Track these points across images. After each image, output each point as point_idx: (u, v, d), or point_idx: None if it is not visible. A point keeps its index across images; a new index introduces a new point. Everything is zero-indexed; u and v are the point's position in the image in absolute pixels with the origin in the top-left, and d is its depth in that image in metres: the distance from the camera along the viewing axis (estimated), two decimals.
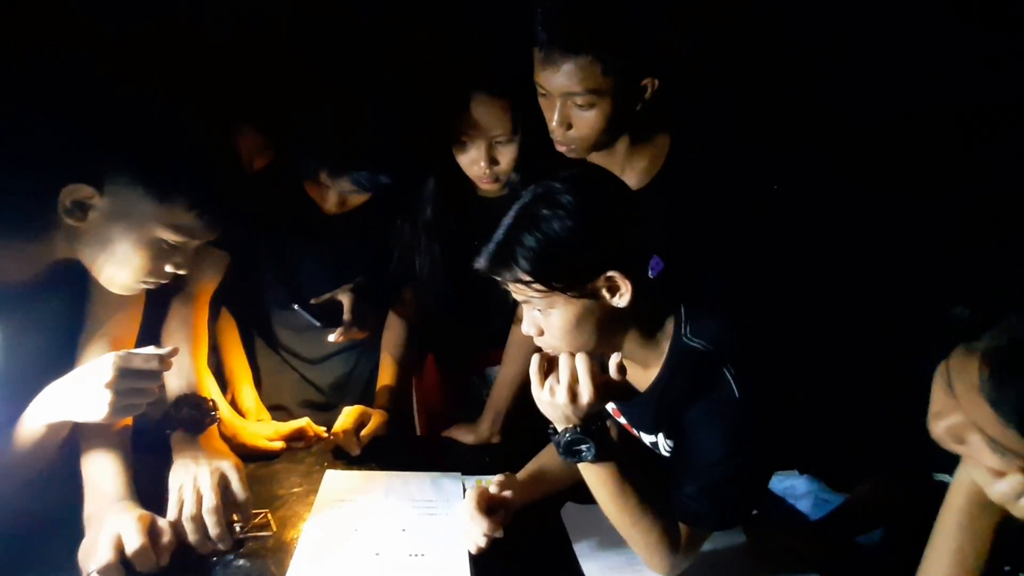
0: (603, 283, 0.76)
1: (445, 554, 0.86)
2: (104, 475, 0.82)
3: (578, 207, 0.74)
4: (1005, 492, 0.57)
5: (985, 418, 0.55)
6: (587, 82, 0.91)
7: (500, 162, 1.11)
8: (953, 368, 0.58)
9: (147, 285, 0.82)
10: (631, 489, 0.80)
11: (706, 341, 0.80)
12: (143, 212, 0.76)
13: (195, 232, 0.79)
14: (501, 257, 0.76)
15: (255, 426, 1.12)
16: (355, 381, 1.35)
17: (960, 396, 0.57)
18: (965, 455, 0.62)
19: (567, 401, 0.74)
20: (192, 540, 0.80)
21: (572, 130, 0.97)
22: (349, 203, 1.09)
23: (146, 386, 0.78)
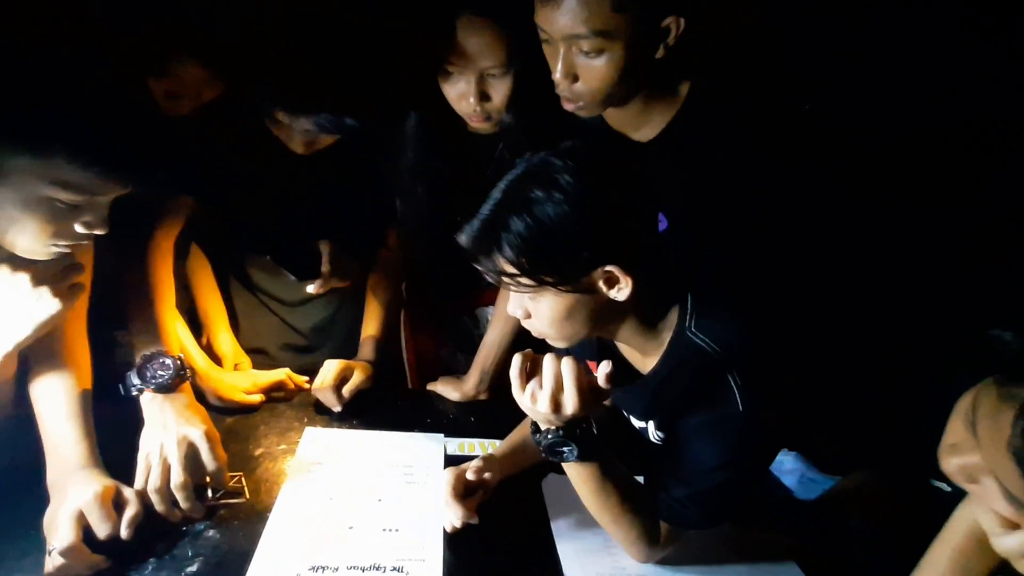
0: (600, 276, 0.68)
1: (420, 530, 0.85)
2: (65, 441, 0.78)
3: (578, 191, 0.63)
4: (1012, 547, 0.53)
5: (1007, 470, 0.49)
6: (594, 21, 0.75)
7: (492, 98, 0.97)
8: (981, 408, 0.52)
9: (61, 248, 0.72)
10: (612, 487, 0.77)
11: (712, 340, 0.72)
12: (20, 169, 0.64)
13: (92, 188, 0.68)
14: (485, 239, 0.67)
15: (232, 377, 1.09)
16: (339, 324, 1.30)
17: (983, 441, 0.51)
18: (974, 493, 0.57)
19: (549, 410, 0.68)
20: (159, 511, 0.78)
21: (579, 83, 0.82)
22: (318, 143, 0.97)
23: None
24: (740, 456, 0.73)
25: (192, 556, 0.76)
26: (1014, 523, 0.52)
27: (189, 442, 0.82)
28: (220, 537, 0.79)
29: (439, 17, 0.92)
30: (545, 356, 0.69)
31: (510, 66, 0.94)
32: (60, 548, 0.67)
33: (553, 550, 0.85)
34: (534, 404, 0.69)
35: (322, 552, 0.79)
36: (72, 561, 0.69)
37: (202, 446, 0.82)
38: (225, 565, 0.75)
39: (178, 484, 0.79)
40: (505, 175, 0.68)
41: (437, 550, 0.82)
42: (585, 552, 0.85)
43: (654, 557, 0.83)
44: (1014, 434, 0.48)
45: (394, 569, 0.78)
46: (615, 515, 0.78)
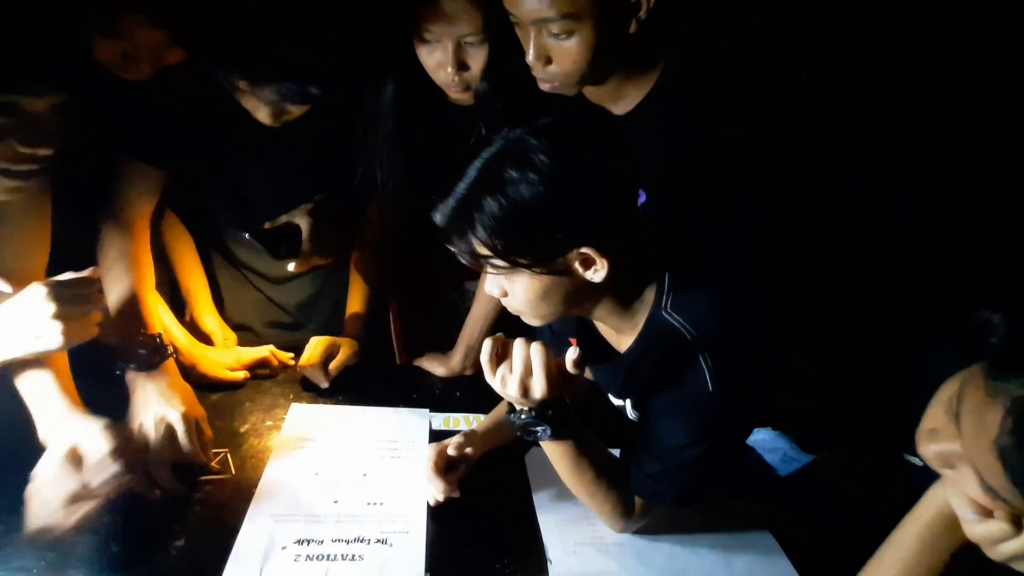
0: (576, 258, 0.68)
1: (404, 503, 0.87)
2: (49, 393, 0.78)
3: (554, 172, 0.62)
4: (983, 534, 0.54)
5: (989, 465, 0.49)
6: (561, 4, 0.74)
7: (470, 67, 0.96)
8: (967, 399, 0.52)
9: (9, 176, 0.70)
10: (588, 463, 0.78)
11: (686, 321, 0.73)
12: None
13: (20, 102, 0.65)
14: (458, 219, 0.66)
15: (215, 354, 1.09)
16: (324, 300, 1.30)
17: (966, 432, 0.51)
18: (948, 477, 0.59)
19: (518, 394, 0.69)
20: (138, 489, 0.79)
21: (552, 65, 0.81)
22: (287, 114, 0.93)
23: (88, 309, 0.75)
24: (711, 435, 0.75)
25: (179, 532, 0.77)
26: (987, 510, 0.54)
27: (167, 423, 0.82)
28: (206, 512, 0.81)
29: None
30: (515, 341, 0.70)
31: (487, 34, 0.92)
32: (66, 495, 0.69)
33: (534, 521, 0.88)
34: (504, 388, 0.70)
35: (308, 526, 0.81)
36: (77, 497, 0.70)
37: (179, 427, 0.83)
38: (212, 540, 0.77)
39: (154, 462, 0.80)
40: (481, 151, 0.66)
41: (421, 523, 0.84)
42: (565, 522, 0.88)
43: (629, 528, 0.85)
44: (1002, 432, 0.47)
45: (378, 541, 0.80)
46: (591, 489, 0.80)
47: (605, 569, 0.82)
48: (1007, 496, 0.50)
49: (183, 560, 0.74)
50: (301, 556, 0.76)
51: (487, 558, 0.81)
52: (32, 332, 0.73)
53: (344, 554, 0.77)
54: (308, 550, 0.77)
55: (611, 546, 0.85)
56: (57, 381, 0.80)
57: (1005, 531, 0.52)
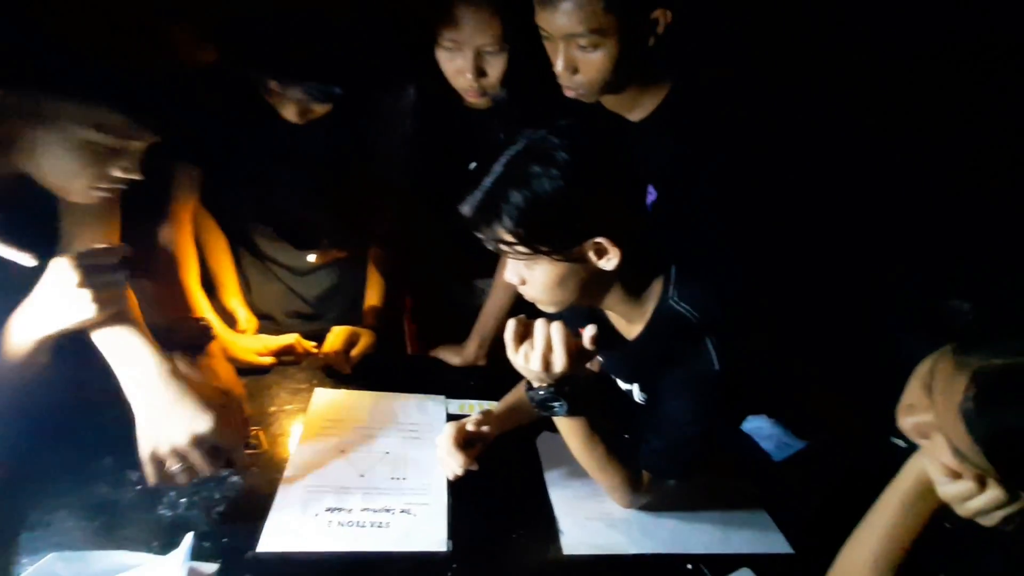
0: (591, 247, 0.74)
1: (425, 478, 0.93)
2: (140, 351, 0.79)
3: (572, 167, 0.69)
4: (953, 493, 0.61)
5: (956, 431, 0.56)
6: (589, 21, 0.82)
7: (488, 74, 1.03)
8: (938, 373, 0.59)
9: (102, 192, 0.77)
10: (599, 439, 0.84)
11: (691, 307, 0.80)
12: (66, 113, 0.70)
13: (126, 133, 0.74)
14: (486, 210, 0.73)
15: (245, 340, 1.15)
16: (342, 293, 1.36)
17: (937, 402, 0.58)
18: (925, 448, 0.65)
19: (540, 369, 0.75)
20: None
21: (578, 74, 0.89)
22: (312, 112, 1.01)
23: (113, 278, 0.78)
24: (712, 410, 0.81)
25: (219, 498, 0.83)
26: (957, 473, 0.60)
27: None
28: (242, 483, 0.87)
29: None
30: (537, 321, 0.76)
31: (505, 44, 1.00)
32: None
33: (546, 496, 0.94)
34: (527, 363, 0.76)
35: (337, 496, 0.87)
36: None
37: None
38: (249, 506, 0.83)
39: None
40: (506, 150, 0.73)
41: (442, 496, 0.90)
42: (575, 499, 0.94)
43: (636, 503, 0.91)
44: (965, 398, 0.54)
45: (403, 512, 0.86)
46: (601, 464, 0.86)
47: (613, 541, 0.88)
48: (973, 457, 0.56)
49: (223, 524, 0.80)
50: (332, 522, 0.82)
51: (504, 528, 0.87)
52: (65, 304, 0.75)
53: (372, 522, 0.83)
54: (339, 517, 0.83)
55: (619, 521, 0.91)
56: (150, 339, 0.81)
57: (972, 489, 0.59)
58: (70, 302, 0.75)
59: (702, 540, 0.90)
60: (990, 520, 0.60)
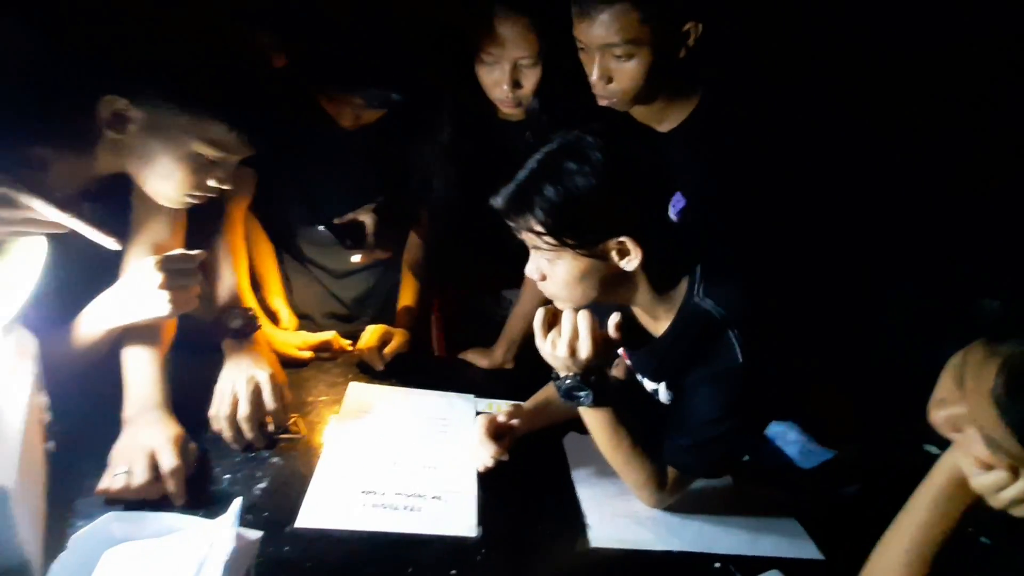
0: (614, 246, 0.77)
1: (455, 468, 0.95)
2: (143, 382, 0.88)
3: (605, 167, 0.73)
4: (987, 484, 0.61)
5: (989, 419, 0.56)
6: (625, 32, 0.88)
7: (523, 86, 1.10)
8: (969, 363, 0.59)
9: (193, 200, 0.85)
10: (625, 433, 0.86)
11: (716, 303, 0.82)
12: (178, 126, 0.78)
13: (232, 147, 0.82)
14: (519, 201, 0.76)
15: (285, 335, 1.20)
16: (376, 296, 1.42)
17: (969, 392, 0.58)
18: (957, 441, 0.65)
19: (567, 355, 0.78)
20: (226, 437, 0.89)
21: (613, 83, 0.95)
22: (363, 118, 1.08)
23: (190, 282, 0.85)
24: (739, 409, 0.82)
25: (260, 476, 0.87)
26: (990, 465, 0.60)
27: (256, 382, 0.92)
28: (283, 464, 0.90)
29: (480, 11, 1.05)
30: (564, 310, 0.79)
31: (540, 57, 1.06)
32: (136, 483, 0.76)
33: (573, 493, 0.95)
34: (554, 350, 0.79)
35: (370, 480, 0.89)
36: (143, 493, 0.77)
37: (265, 387, 0.93)
38: (289, 485, 0.86)
39: (244, 416, 0.89)
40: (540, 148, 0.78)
41: (472, 486, 0.92)
42: (602, 496, 0.95)
43: (662, 502, 0.92)
44: (996, 384, 0.55)
45: (434, 497, 0.88)
46: (627, 458, 0.87)
47: (640, 537, 0.88)
48: (1006, 445, 0.57)
49: (265, 499, 0.83)
50: (366, 504, 0.85)
51: (532, 519, 0.88)
52: (143, 300, 0.84)
53: (404, 505, 0.86)
54: (372, 499, 0.86)
55: (646, 519, 0.92)
56: (157, 371, 0.89)
57: (1005, 479, 0.59)
58: (151, 299, 0.83)
59: (730, 542, 0.90)
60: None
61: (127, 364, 0.90)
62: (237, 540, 0.65)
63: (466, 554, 0.80)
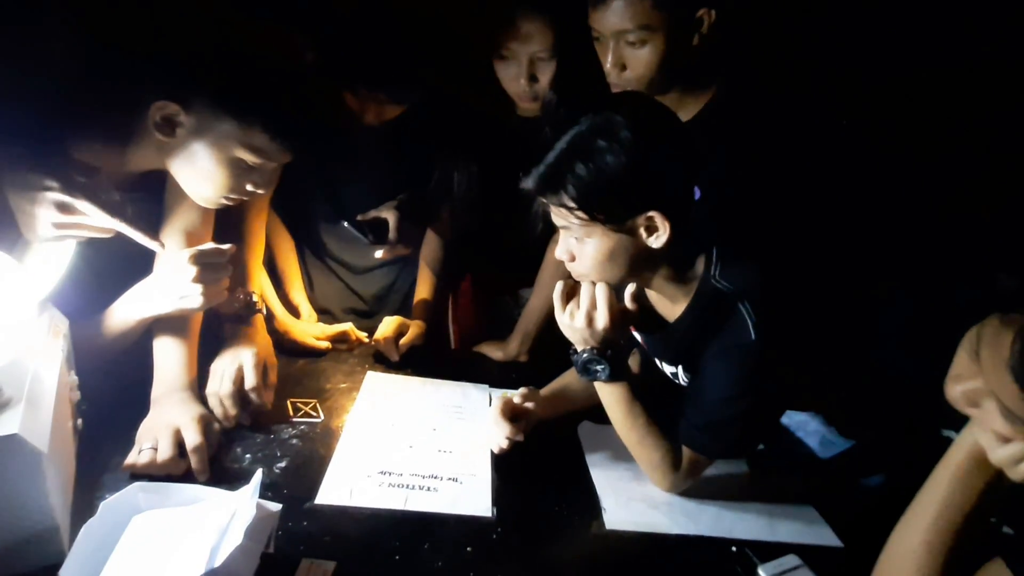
0: (643, 222, 0.78)
1: (470, 453, 0.96)
2: (172, 364, 0.91)
3: (635, 144, 0.74)
4: (1007, 457, 0.59)
5: (1005, 389, 0.56)
6: (638, 17, 0.90)
7: (540, 79, 1.13)
8: (984, 336, 0.58)
9: (229, 201, 0.89)
10: (640, 409, 0.86)
11: (730, 283, 0.82)
12: (224, 132, 0.82)
13: (272, 154, 0.85)
14: (551, 180, 0.77)
15: (304, 326, 1.23)
16: (395, 292, 1.44)
17: (985, 364, 0.58)
18: (975, 417, 0.64)
19: (584, 325, 0.79)
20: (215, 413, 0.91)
21: (627, 71, 0.96)
22: (386, 115, 1.12)
23: (221, 276, 0.89)
24: (752, 383, 0.82)
25: (280, 456, 0.88)
26: (1009, 438, 0.60)
27: (240, 363, 0.94)
28: (302, 445, 0.92)
29: (500, 8, 1.08)
30: (583, 282, 0.80)
31: (555, 52, 1.08)
32: (162, 458, 0.79)
33: (588, 478, 0.95)
34: (572, 321, 0.80)
35: (387, 461, 0.91)
36: (165, 469, 0.80)
37: (247, 366, 0.94)
38: (308, 465, 0.88)
39: (225, 393, 0.91)
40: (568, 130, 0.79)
41: (486, 470, 0.93)
42: (617, 481, 0.95)
43: (677, 486, 0.91)
44: (1012, 352, 0.54)
45: (450, 479, 0.89)
46: (642, 436, 0.87)
47: (656, 521, 0.88)
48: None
49: (285, 478, 0.84)
50: (384, 483, 0.86)
51: (547, 501, 0.88)
52: (177, 292, 0.87)
53: (421, 485, 0.87)
54: (390, 479, 0.87)
55: (661, 504, 0.91)
56: (186, 355, 0.93)
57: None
58: (183, 293, 0.87)
59: (747, 527, 0.89)
60: None
61: (157, 348, 0.93)
62: (258, 510, 0.67)
63: (482, 532, 0.81)
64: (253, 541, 0.64)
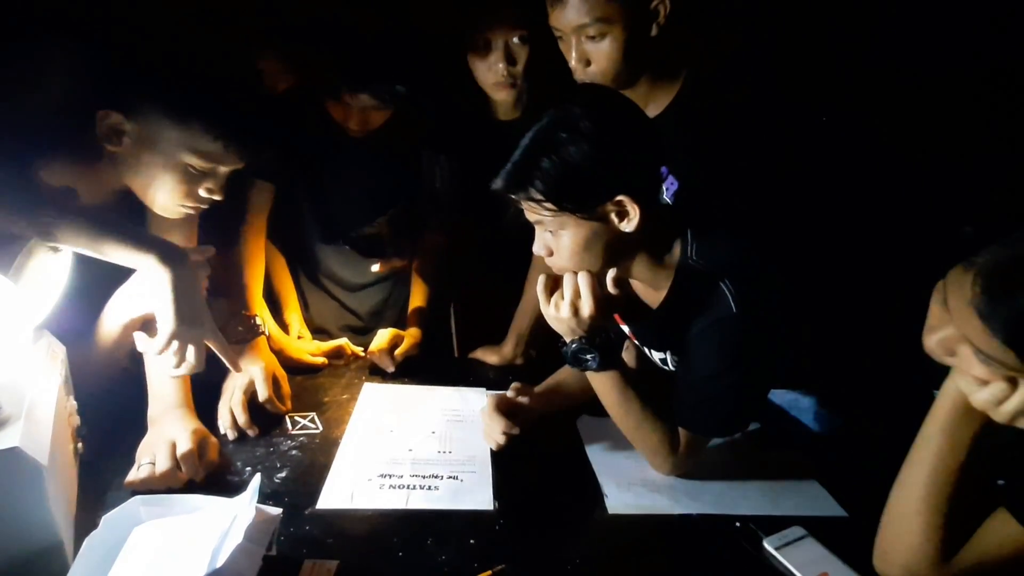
0: (613, 207, 0.80)
1: (470, 452, 0.96)
2: (166, 383, 0.92)
3: (595, 132, 0.76)
4: (987, 399, 0.60)
5: (975, 331, 0.57)
6: (594, 11, 0.92)
7: (516, 63, 1.15)
8: (949, 283, 0.60)
9: (187, 209, 0.89)
10: (634, 395, 0.87)
11: (709, 262, 0.84)
12: (168, 138, 0.82)
13: (219, 158, 0.85)
14: (517, 178, 0.80)
15: (299, 343, 1.24)
16: (391, 307, 1.45)
17: (953, 310, 0.59)
18: (954, 366, 0.65)
19: (570, 315, 0.80)
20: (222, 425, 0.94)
21: (592, 66, 0.98)
22: (371, 121, 1.13)
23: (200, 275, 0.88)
24: (739, 356, 0.82)
25: (280, 467, 0.89)
26: (987, 380, 0.60)
27: (250, 376, 0.96)
28: (302, 456, 0.93)
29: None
30: (565, 273, 0.82)
31: (528, 36, 1.12)
32: (160, 470, 0.80)
33: (589, 467, 0.95)
34: (558, 312, 0.81)
35: (388, 465, 0.91)
36: (165, 482, 0.81)
37: (258, 377, 0.96)
38: (308, 473, 0.88)
39: (235, 401, 0.94)
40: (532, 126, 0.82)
41: (487, 466, 0.93)
42: (618, 467, 0.95)
43: (676, 468, 0.92)
44: (975, 293, 0.56)
45: (450, 477, 0.89)
46: (638, 420, 0.88)
47: (658, 503, 0.88)
48: (997, 355, 0.57)
49: (285, 487, 0.85)
50: (385, 485, 0.86)
51: (548, 492, 0.89)
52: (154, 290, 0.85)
53: (421, 484, 0.87)
54: (390, 481, 0.87)
55: (663, 486, 0.92)
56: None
57: (1004, 390, 0.59)
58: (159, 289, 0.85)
59: (750, 503, 0.89)
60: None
61: (150, 368, 0.94)
62: (257, 513, 0.67)
63: (484, 524, 0.81)
64: (254, 542, 0.65)
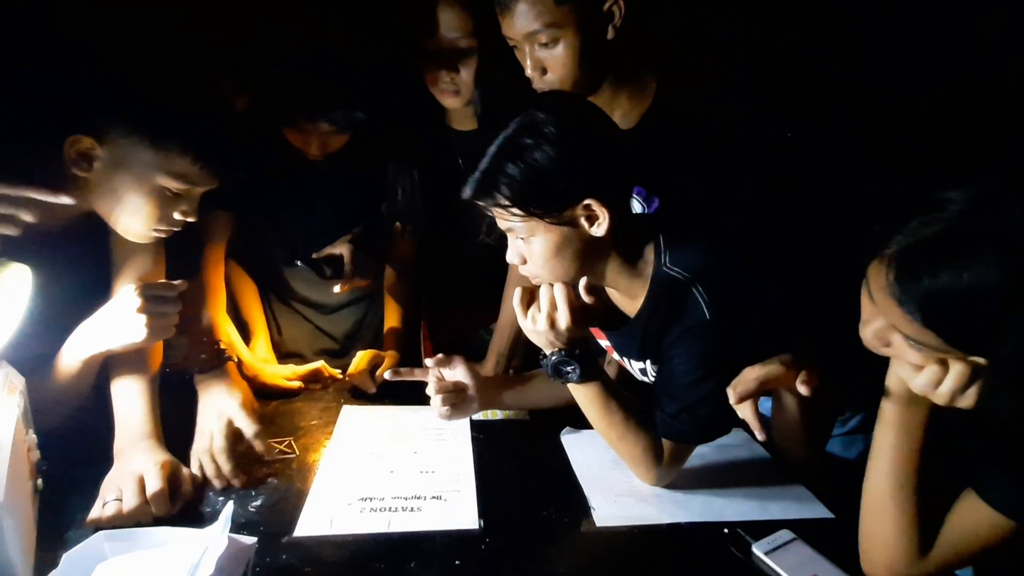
0: (581, 211, 0.79)
1: (454, 471, 0.94)
2: (133, 413, 0.88)
3: (559, 136, 0.76)
4: (924, 383, 0.61)
5: (897, 317, 0.59)
6: (544, 16, 0.91)
7: (460, 71, 1.13)
8: (870, 276, 0.62)
9: (160, 233, 0.87)
10: (616, 406, 0.86)
11: (682, 269, 0.84)
12: (143, 161, 0.80)
13: (195, 179, 0.83)
14: (484, 185, 0.79)
15: (275, 367, 1.21)
16: (366, 329, 1.43)
17: (877, 301, 0.61)
18: (892, 356, 0.66)
19: (547, 327, 0.79)
20: (207, 472, 0.86)
21: (548, 73, 0.97)
22: (330, 145, 1.12)
23: (168, 310, 0.86)
24: (716, 361, 0.82)
25: (255, 495, 0.85)
26: (921, 365, 0.61)
27: (228, 416, 0.91)
28: (277, 483, 0.89)
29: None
30: (541, 285, 0.81)
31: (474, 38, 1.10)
32: (127, 508, 0.76)
33: (575, 481, 0.93)
34: (535, 325, 0.80)
35: (368, 487, 0.88)
36: (135, 517, 0.77)
37: (236, 415, 0.91)
38: (285, 500, 0.85)
39: (218, 448, 0.88)
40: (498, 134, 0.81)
41: (470, 486, 0.91)
42: (604, 480, 0.94)
43: (662, 478, 0.91)
44: (888, 280, 0.58)
45: (434, 498, 0.87)
46: (621, 431, 0.87)
47: (646, 513, 0.87)
48: (923, 338, 0.58)
49: (261, 516, 0.81)
50: (365, 509, 0.83)
51: (534, 508, 0.87)
52: (121, 325, 0.84)
53: (403, 506, 0.84)
54: (371, 504, 0.84)
55: (650, 497, 0.91)
56: (146, 403, 0.90)
57: (938, 372, 0.60)
58: (128, 325, 0.83)
59: (737, 509, 0.89)
60: (967, 401, 0.60)
61: (116, 399, 0.90)
62: (229, 544, 0.64)
63: (470, 544, 0.78)
64: (226, 574, 0.62)
